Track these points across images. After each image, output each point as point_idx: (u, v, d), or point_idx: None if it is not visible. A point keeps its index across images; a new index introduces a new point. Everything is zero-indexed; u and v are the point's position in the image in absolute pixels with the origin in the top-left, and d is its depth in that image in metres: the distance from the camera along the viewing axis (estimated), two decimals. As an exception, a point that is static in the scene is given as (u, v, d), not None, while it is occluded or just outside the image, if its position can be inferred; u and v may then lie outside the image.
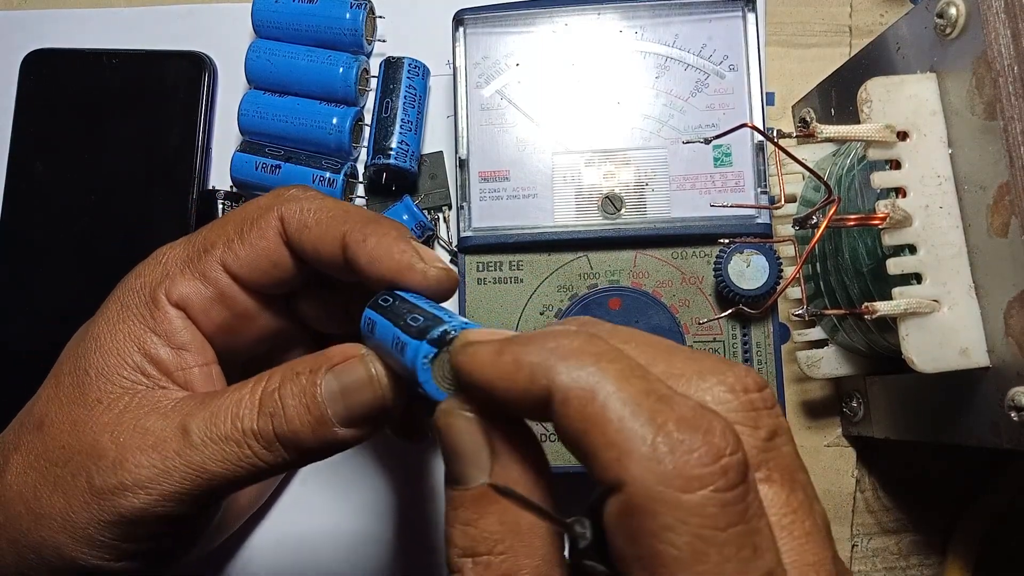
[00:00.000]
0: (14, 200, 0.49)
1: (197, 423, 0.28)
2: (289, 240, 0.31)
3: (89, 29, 0.51)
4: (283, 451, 0.28)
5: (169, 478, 0.28)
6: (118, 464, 0.28)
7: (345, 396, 0.28)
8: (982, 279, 0.32)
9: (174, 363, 0.31)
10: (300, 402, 0.28)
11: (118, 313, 0.31)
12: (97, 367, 0.30)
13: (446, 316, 0.27)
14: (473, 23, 0.43)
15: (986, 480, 0.45)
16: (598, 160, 0.42)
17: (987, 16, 0.30)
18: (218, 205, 0.47)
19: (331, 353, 0.29)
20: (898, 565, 0.46)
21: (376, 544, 0.46)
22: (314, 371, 0.28)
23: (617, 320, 0.40)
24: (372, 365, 0.28)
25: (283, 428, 0.28)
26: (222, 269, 0.31)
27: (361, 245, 0.30)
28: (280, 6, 0.47)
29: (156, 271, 0.32)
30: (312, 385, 0.28)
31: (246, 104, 0.47)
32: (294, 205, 0.31)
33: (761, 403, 0.22)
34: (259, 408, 0.28)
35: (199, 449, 0.28)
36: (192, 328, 0.31)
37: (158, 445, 0.28)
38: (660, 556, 0.19)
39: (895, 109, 0.33)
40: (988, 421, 0.32)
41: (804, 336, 0.43)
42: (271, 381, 0.29)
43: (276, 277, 0.32)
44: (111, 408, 0.29)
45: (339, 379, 0.28)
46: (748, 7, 0.42)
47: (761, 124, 0.41)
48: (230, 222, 0.32)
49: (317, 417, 0.28)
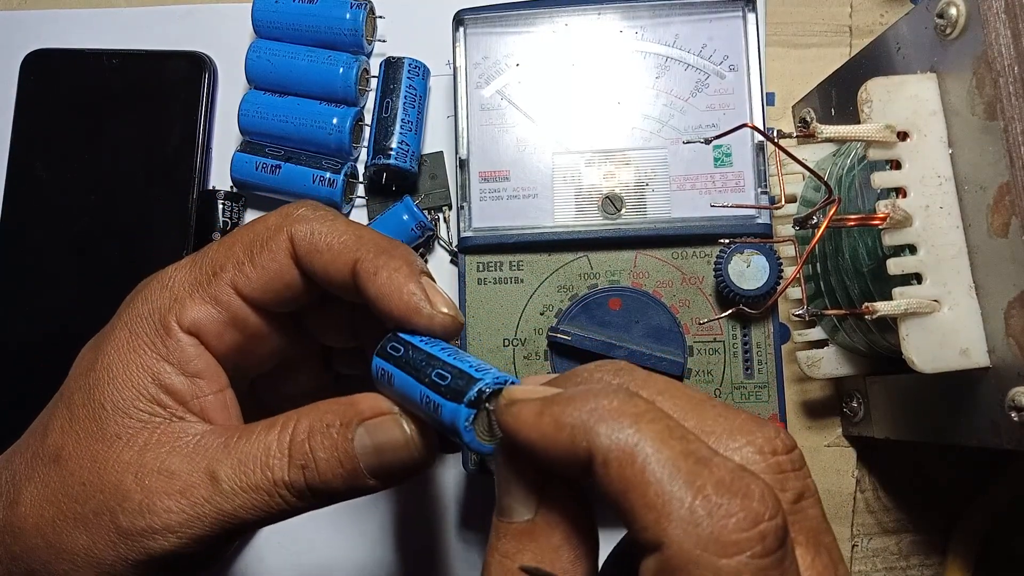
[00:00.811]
0: (14, 200, 0.49)
1: (226, 471, 0.28)
2: (299, 262, 0.31)
3: (89, 29, 0.51)
4: (312, 498, 0.29)
5: (199, 523, 0.28)
6: (146, 508, 0.28)
7: (379, 454, 0.28)
8: (982, 279, 0.32)
9: (189, 392, 0.30)
10: (332, 456, 0.28)
11: (128, 341, 0.30)
12: (113, 401, 0.29)
13: (470, 368, 0.27)
14: (473, 23, 0.43)
15: (986, 480, 0.45)
16: (598, 160, 0.42)
17: (987, 16, 0.30)
18: (218, 205, 0.47)
19: (360, 406, 0.29)
20: (898, 565, 0.46)
21: (376, 543, 0.46)
22: (345, 425, 0.28)
23: (617, 320, 0.40)
24: (407, 425, 0.28)
25: (315, 480, 0.28)
26: (234, 292, 0.31)
27: (371, 279, 0.29)
28: (280, 6, 0.47)
29: (164, 296, 0.31)
30: (345, 440, 0.28)
31: (246, 104, 0.47)
32: (305, 227, 0.31)
33: (789, 465, 0.22)
34: (289, 459, 0.28)
35: (230, 498, 0.28)
36: (205, 354, 0.31)
37: (186, 491, 0.28)
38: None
39: (895, 109, 0.33)
40: (988, 421, 0.32)
41: (804, 336, 0.43)
42: (298, 430, 0.29)
43: (288, 297, 0.32)
44: (131, 444, 0.29)
45: (372, 436, 0.28)
46: (748, 7, 0.42)
47: (761, 124, 0.41)
48: (238, 243, 0.31)
49: (351, 471, 0.28)
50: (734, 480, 0.20)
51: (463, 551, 0.46)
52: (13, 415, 0.32)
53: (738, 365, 0.40)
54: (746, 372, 0.40)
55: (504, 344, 0.41)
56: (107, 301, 0.33)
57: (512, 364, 0.41)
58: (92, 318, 0.33)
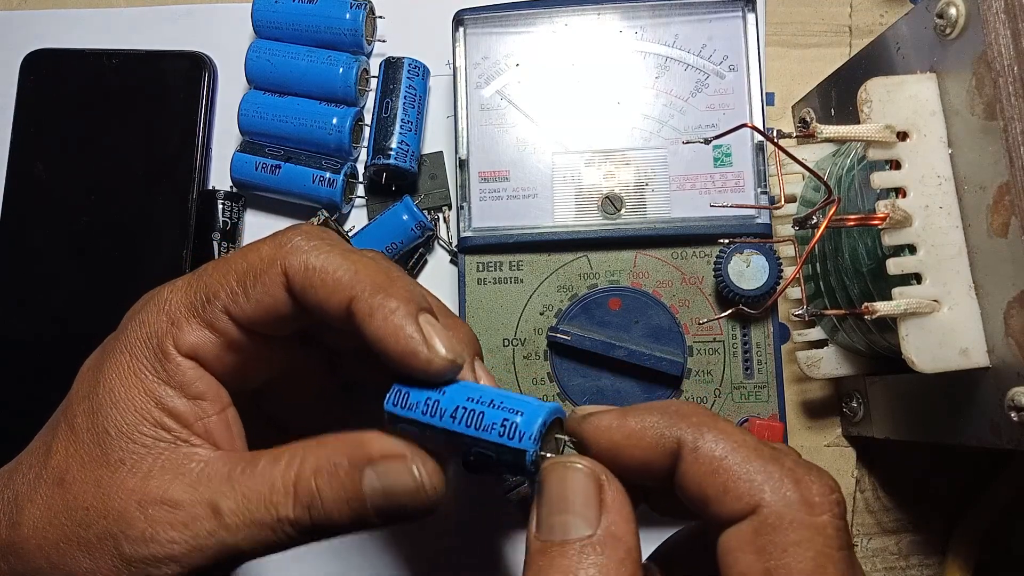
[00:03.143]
0: (14, 200, 0.49)
1: (229, 504, 0.28)
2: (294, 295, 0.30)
3: (89, 29, 0.51)
4: (317, 534, 0.28)
5: (201, 555, 0.28)
6: (149, 537, 0.28)
7: (388, 497, 0.28)
8: (982, 279, 0.32)
9: (192, 414, 0.30)
10: (340, 496, 0.28)
11: (128, 365, 0.30)
12: (117, 426, 0.29)
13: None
14: (473, 23, 0.43)
15: (986, 480, 0.45)
16: (598, 160, 0.42)
17: (987, 16, 0.30)
18: (218, 205, 0.47)
19: (370, 448, 0.28)
20: (898, 565, 0.46)
21: (376, 543, 0.46)
22: (354, 466, 0.28)
23: (617, 320, 0.40)
24: (418, 469, 0.28)
25: (320, 518, 0.28)
26: (229, 320, 0.30)
27: (367, 320, 0.28)
28: (280, 6, 0.47)
29: (161, 319, 0.30)
30: (353, 482, 0.28)
31: (246, 104, 0.47)
32: (299, 259, 0.29)
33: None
34: (295, 497, 0.28)
35: (233, 532, 0.28)
36: (206, 376, 0.30)
37: (189, 523, 0.28)
38: (788, 568, 0.23)
39: (895, 109, 0.33)
40: (988, 421, 0.32)
41: (804, 336, 0.43)
42: (304, 467, 0.28)
43: (284, 326, 0.31)
44: (135, 471, 0.29)
45: (382, 480, 0.28)
46: (748, 7, 0.42)
47: (761, 124, 0.41)
48: (232, 271, 0.30)
49: (357, 511, 0.28)
50: (806, 463, 0.25)
51: (463, 551, 0.46)
52: (13, 415, 0.32)
53: (738, 365, 0.40)
54: (746, 372, 0.40)
55: (504, 344, 0.41)
56: (107, 301, 0.33)
57: (512, 364, 0.41)
58: (92, 318, 0.33)
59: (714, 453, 0.25)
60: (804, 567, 0.23)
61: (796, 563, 0.23)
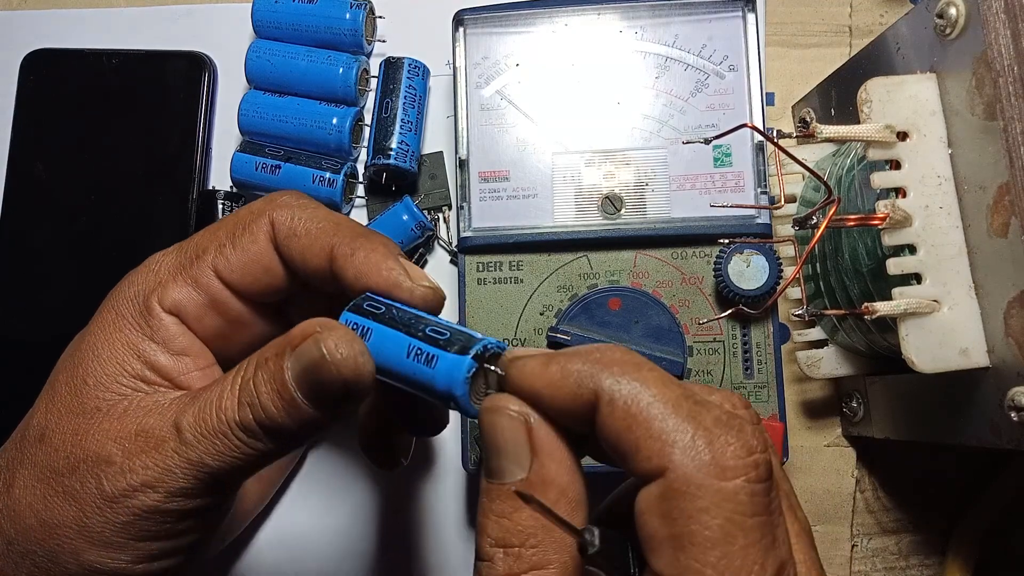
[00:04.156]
0: (14, 200, 0.49)
1: (188, 419, 0.29)
2: (278, 247, 0.31)
3: (89, 29, 0.51)
4: (268, 438, 0.29)
5: (172, 476, 0.28)
6: (126, 468, 0.28)
7: (307, 376, 0.28)
8: (982, 279, 0.32)
9: (175, 368, 0.31)
10: (271, 387, 0.28)
11: (113, 322, 0.31)
12: (96, 376, 0.30)
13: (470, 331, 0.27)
14: (473, 23, 0.43)
15: (986, 480, 0.45)
16: (598, 160, 0.42)
17: (987, 16, 0.30)
18: (218, 205, 0.47)
19: (293, 333, 0.28)
20: (898, 565, 0.46)
21: (376, 544, 0.46)
22: (279, 354, 0.28)
23: (617, 320, 0.40)
24: (323, 343, 0.27)
25: (260, 415, 0.28)
26: (214, 275, 0.31)
27: (349, 259, 0.30)
28: (280, 6, 0.47)
29: (148, 278, 0.32)
30: (279, 370, 0.28)
31: (246, 104, 0.47)
32: (285, 212, 0.32)
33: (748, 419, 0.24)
34: (238, 399, 0.28)
35: (193, 446, 0.28)
36: (188, 333, 0.31)
37: (158, 446, 0.28)
38: (693, 535, 0.22)
39: (895, 109, 0.33)
40: (988, 421, 0.32)
41: (804, 336, 0.43)
42: (247, 370, 0.29)
43: (267, 284, 0.32)
44: (110, 414, 0.29)
45: (299, 360, 0.28)
46: (748, 7, 0.42)
47: (761, 124, 0.41)
48: (223, 227, 0.32)
49: (288, 400, 0.28)
50: (729, 419, 0.23)
51: (463, 551, 0.46)
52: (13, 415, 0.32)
53: (738, 365, 0.40)
54: (746, 372, 0.40)
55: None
56: (107, 301, 0.33)
57: (512, 364, 0.41)
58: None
59: (628, 406, 0.23)
60: (710, 535, 0.21)
61: (701, 531, 0.21)
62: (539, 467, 0.25)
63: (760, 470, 0.22)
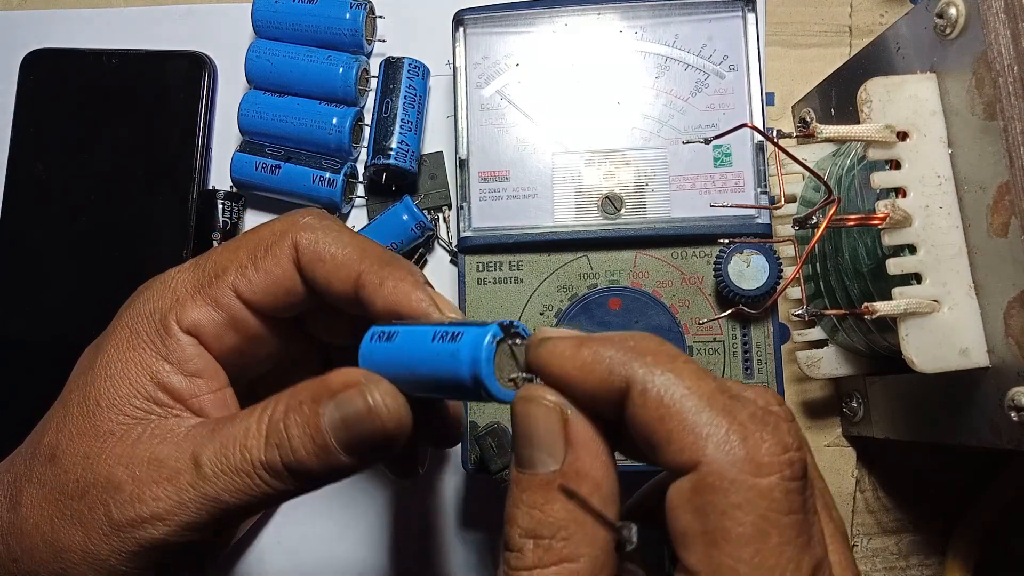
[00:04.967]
0: (14, 200, 0.49)
1: (208, 454, 0.28)
2: (302, 270, 0.31)
3: (89, 29, 0.51)
4: (292, 480, 0.28)
5: (185, 510, 0.28)
6: (136, 498, 0.28)
7: (347, 427, 0.28)
8: (982, 279, 0.32)
9: (188, 391, 0.30)
10: (304, 432, 0.28)
11: (128, 340, 0.30)
12: (109, 397, 0.30)
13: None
14: (473, 23, 0.43)
15: (986, 480, 0.45)
16: (598, 160, 0.42)
17: (987, 16, 0.30)
18: (218, 205, 0.47)
19: (332, 381, 0.28)
20: (898, 565, 0.46)
21: (375, 544, 0.46)
22: (316, 400, 0.28)
23: (617, 320, 0.40)
24: (370, 395, 0.28)
25: (289, 458, 0.28)
26: (234, 295, 0.31)
27: (377, 289, 0.30)
28: (280, 6, 0.47)
29: (166, 296, 0.31)
30: (315, 416, 0.28)
31: (246, 104, 0.47)
32: (310, 235, 0.31)
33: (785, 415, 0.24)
34: (266, 439, 0.28)
35: (212, 481, 0.28)
36: (205, 354, 0.31)
37: (172, 477, 0.28)
38: (726, 532, 0.21)
39: (895, 109, 0.33)
40: (988, 421, 0.32)
41: (804, 336, 0.43)
42: (276, 410, 0.29)
43: (288, 303, 0.32)
44: (124, 439, 0.29)
45: (340, 409, 0.28)
46: (748, 7, 0.42)
47: (761, 124, 0.41)
48: (243, 247, 0.32)
49: (322, 446, 0.28)
50: (765, 415, 0.22)
51: (463, 551, 0.46)
52: (13, 415, 0.32)
53: (738, 365, 0.40)
54: (746, 372, 0.40)
55: (504, 344, 0.41)
56: (107, 301, 0.33)
57: (512, 364, 0.41)
58: (92, 318, 0.33)
59: (662, 397, 0.22)
60: (743, 532, 0.21)
61: (735, 527, 0.21)
62: (573, 459, 0.24)
63: (795, 468, 0.22)
